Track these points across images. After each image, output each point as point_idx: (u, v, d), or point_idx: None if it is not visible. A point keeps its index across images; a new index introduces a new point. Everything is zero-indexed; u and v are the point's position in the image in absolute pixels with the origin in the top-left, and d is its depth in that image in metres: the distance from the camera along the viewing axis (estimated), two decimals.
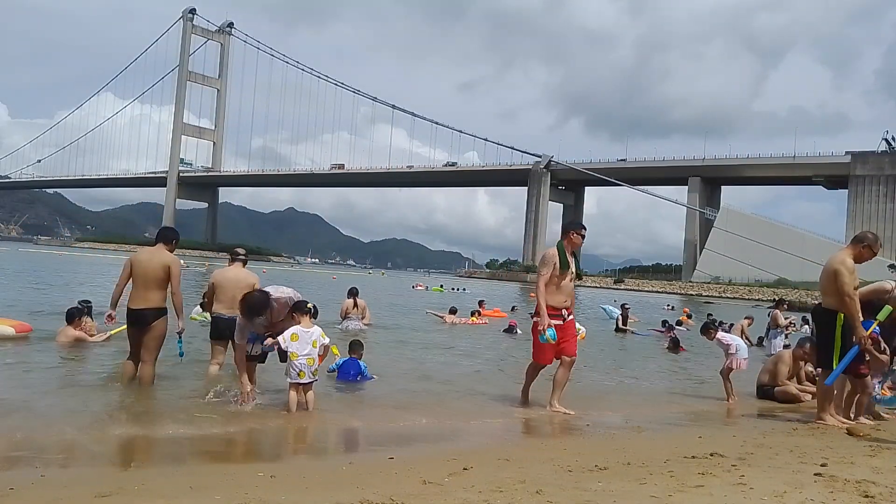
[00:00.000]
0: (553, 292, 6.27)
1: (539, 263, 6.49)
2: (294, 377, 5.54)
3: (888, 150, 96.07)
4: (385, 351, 10.30)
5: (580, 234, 6.47)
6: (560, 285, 6.29)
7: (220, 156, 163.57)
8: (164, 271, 6.08)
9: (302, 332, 5.58)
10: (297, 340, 5.54)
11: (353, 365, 7.55)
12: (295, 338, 5.53)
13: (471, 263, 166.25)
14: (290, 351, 5.51)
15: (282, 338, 5.55)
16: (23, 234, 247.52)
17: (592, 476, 3.71)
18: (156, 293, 6.08)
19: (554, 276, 6.25)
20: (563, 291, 6.33)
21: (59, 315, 9.65)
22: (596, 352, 12.76)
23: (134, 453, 4.40)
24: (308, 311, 5.77)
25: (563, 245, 6.40)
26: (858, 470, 3.98)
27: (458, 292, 41.05)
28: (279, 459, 4.51)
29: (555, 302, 6.27)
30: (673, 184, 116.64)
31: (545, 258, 6.38)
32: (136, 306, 6.10)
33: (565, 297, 6.35)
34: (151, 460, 4.24)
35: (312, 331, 5.65)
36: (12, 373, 6.69)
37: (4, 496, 3.09)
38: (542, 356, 6.46)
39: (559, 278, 6.27)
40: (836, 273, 5.96)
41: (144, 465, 4.04)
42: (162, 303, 6.13)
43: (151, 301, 6.08)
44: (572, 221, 6.85)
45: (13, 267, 31.32)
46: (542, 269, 6.33)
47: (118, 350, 7.69)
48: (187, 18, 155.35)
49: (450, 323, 16.28)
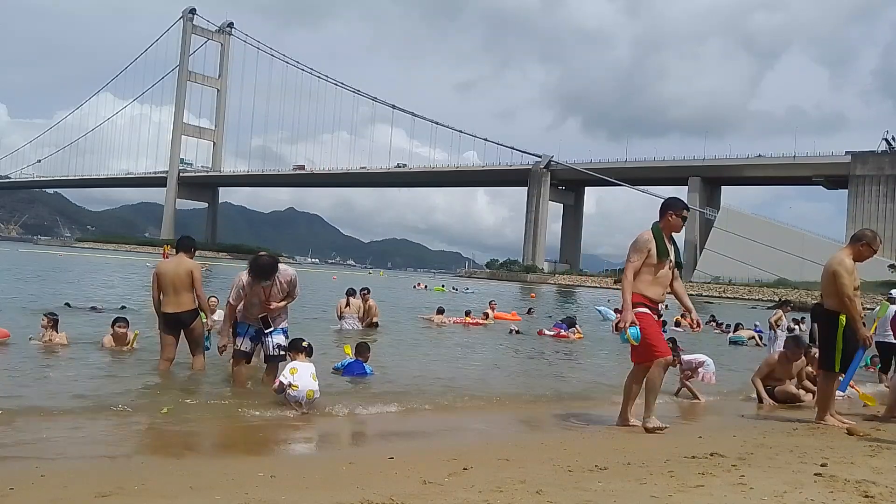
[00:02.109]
0: (648, 283, 5.43)
1: (630, 248, 5.54)
2: (291, 402, 5.57)
3: (888, 150, 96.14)
4: (384, 351, 10.30)
5: (681, 216, 5.54)
6: (657, 275, 5.44)
7: (220, 156, 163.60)
8: (188, 277, 6.81)
9: (301, 365, 5.68)
10: (297, 374, 5.59)
11: (357, 366, 7.56)
12: (294, 371, 5.61)
13: (471, 263, 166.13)
14: (292, 383, 5.55)
15: (283, 375, 5.62)
16: (23, 234, 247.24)
17: (592, 476, 3.71)
18: (186, 297, 6.81)
19: (648, 265, 5.42)
20: (660, 283, 5.47)
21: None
22: (596, 352, 12.77)
23: (134, 453, 4.40)
24: (303, 350, 5.87)
25: (660, 228, 5.52)
26: (858, 470, 3.98)
27: (464, 293, 40.36)
28: (279, 459, 4.51)
29: (653, 294, 5.44)
30: (673, 184, 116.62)
31: (638, 243, 5.48)
32: (172, 310, 6.80)
33: (663, 289, 5.52)
34: (152, 460, 4.23)
35: (309, 365, 5.74)
36: (13, 373, 6.68)
37: (4, 496, 3.09)
38: (644, 354, 5.45)
39: (656, 267, 5.42)
40: (835, 274, 5.93)
41: (145, 464, 4.04)
42: (193, 304, 6.86)
43: (184, 304, 6.81)
44: (673, 199, 5.72)
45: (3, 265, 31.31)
46: (633, 255, 5.44)
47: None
48: (187, 18, 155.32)
49: (437, 323, 15.86)
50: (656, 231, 5.50)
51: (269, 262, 5.95)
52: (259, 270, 5.85)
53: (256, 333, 6.19)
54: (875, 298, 39.75)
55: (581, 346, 13.52)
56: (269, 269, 5.89)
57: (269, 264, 5.92)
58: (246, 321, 6.16)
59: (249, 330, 6.17)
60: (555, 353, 11.96)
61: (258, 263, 5.90)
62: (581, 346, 13.36)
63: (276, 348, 6.11)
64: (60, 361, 7.48)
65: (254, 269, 5.86)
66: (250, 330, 6.17)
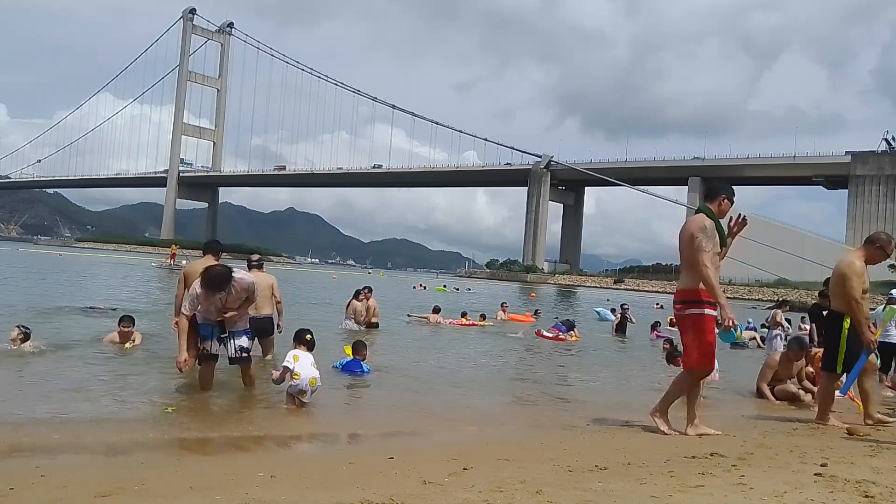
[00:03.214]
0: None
1: (699, 234, 4.97)
2: (294, 392, 5.65)
3: (888, 150, 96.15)
4: (384, 351, 10.30)
5: (731, 202, 5.20)
6: (716, 265, 5.02)
7: (220, 156, 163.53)
8: None
9: (303, 354, 5.74)
10: (299, 361, 5.67)
11: (354, 365, 7.57)
12: (296, 358, 5.68)
13: (471, 263, 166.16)
14: (294, 371, 5.60)
15: (287, 361, 5.67)
16: (23, 234, 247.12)
17: (592, 476, 3.71)
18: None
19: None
20: (717, 274, 5.00)
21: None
22: (595, 352, 12.78)
23: (134, 453, 4.40)
24: (306, 343, 5.88)
25: (714, 213, 5.10)
26: (858, 470, 3.97)
27: (466, 292, 40.24)
28: (279, 459, 4.50)
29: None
30: (673, 184, 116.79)
31: (707, 229, 4.98)
32: None
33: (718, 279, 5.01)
34: (152, 460, 4.23)
35: (309, 356, 5.80)
36: (13, 374, 6.68)
37: (4, 496, 3.09)
38: (711, 360, 5.13)
39: (717, 256, 5.03)
40: (844, 276, 5.84)
41: (145, 464, 4.04)
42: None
43: None
44: (722, 184, 5.35)
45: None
46: (708, 242, 4.92)
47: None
48: (187, 18, 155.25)
49: (434, 323, 15.79)
50: (712, 215, 5.09)
51: (221, 273, 5.81)
52: (211, 283, 5.75)
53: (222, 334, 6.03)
54: (875, 298, 39.81)
55: (578, 347, 13.52)
56: (221, 280, 5.78)
57: (222, 275, 5.79)
58: (208, 322, 5.97)
59: (215, 331, 5.98)
60: (553, 355, 11.96)
61: (210, 275, 5.77)
62: (578, 348, 13.37)
63: (239, 350, 5.99)
64: (61, 361, 7.48)
65: (206, 282, 5.75)
66: (216, 331, 5.98)
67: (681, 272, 5.25)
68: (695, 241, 4.97)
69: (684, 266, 5.15)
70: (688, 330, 5.12)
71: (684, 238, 5.10)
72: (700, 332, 5.06)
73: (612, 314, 20.67)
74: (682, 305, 5.10)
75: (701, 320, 5.02)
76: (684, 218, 34.97)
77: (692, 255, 4.99)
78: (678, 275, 5.52)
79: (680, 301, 5.15)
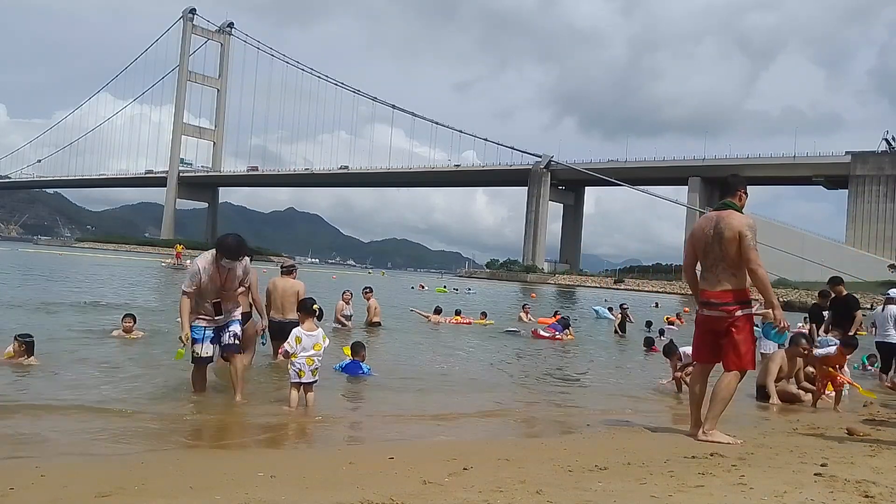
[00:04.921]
0: (746, 274, 4.87)
1: (749, 232, 4.82)
2: (294, 377, 5.63)
3: (888, 150, 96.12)
4: (384, 351, 10.30)
5: (746, 194, 5.07)
6: None
7: (220, 156, 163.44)
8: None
9: (305, 335, 5.67)
10: (300, 343, 5.63)
11: (354, 366, 7.56)
12: (298, 341, 5.64)
13: (471, 263, 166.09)
14: (291, 352, 5.58)
15: (288, 344, 5.64)
16: (23, 234, 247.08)
17: (592, 476, 3.71)
18: (242, 298, 6.57)
19: None
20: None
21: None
22: (595, 351, 12.77)
23: (134, 453, 4.40)
24: (313, 313, 5.82)
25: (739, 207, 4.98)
26: (858, 470, 3.98)
27: (466, 293, 40.11)
28: (279, 459, 4.50)
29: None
30: (673, 184, 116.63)
31: (754, 227, 4.86)
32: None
33: None
34: (152, 460, 4.23)
35: (316, 333, 5.73)
36: (13, 374, 6.68)
37: (4, 496, 3.09)
38: (738, 361, 4.94)
39: None
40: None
41: (145, 464, 4.03)
42: (247, 307, 6.75)
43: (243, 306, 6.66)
44: (736, 177, 5.22)
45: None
46: (755, 240, 4.80)
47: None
48: (187, 18, 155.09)
49: (434, 322, 16.30)
50: (738, 210, 4.97)
51: (236, 241, 5.78)
52: (227, 249, 5.69)
53: (215, 334, 5.94)
54: (875, 298, 39.76)
55: (573, 346, 13.54)
56: (237, 248, 5.74)
57: (238, 244, 5.76)
58: (199, 319, 5.88)
59: (207, 332, 5.89)
60: (551, 354, 11.96)
61: (226, 242, 5.73)
62: (573, 347, 13.39)
63: (233, 337, 5.91)
64: (61, 361, 7.48)
65: (222, 248, 5.69)
66: (207, 332, 5.89)
67: (713, 272, 4.98)
68: (745, 240, 4.81)
69: (727, 265, 4.89)
70: (741, 330, 4.94)
71: (728, 237, 4.84)
72: (751, 332, 5.00)
73: (610, 313, 20.70)
74: (738, 306, 4.89)
75: (751, 320, 4.97)
76: (684, 218, 34.59)
77: (743, 253, 4.82)
78: (677, 275, 5.47)
79: (735, 302, 4.91)
